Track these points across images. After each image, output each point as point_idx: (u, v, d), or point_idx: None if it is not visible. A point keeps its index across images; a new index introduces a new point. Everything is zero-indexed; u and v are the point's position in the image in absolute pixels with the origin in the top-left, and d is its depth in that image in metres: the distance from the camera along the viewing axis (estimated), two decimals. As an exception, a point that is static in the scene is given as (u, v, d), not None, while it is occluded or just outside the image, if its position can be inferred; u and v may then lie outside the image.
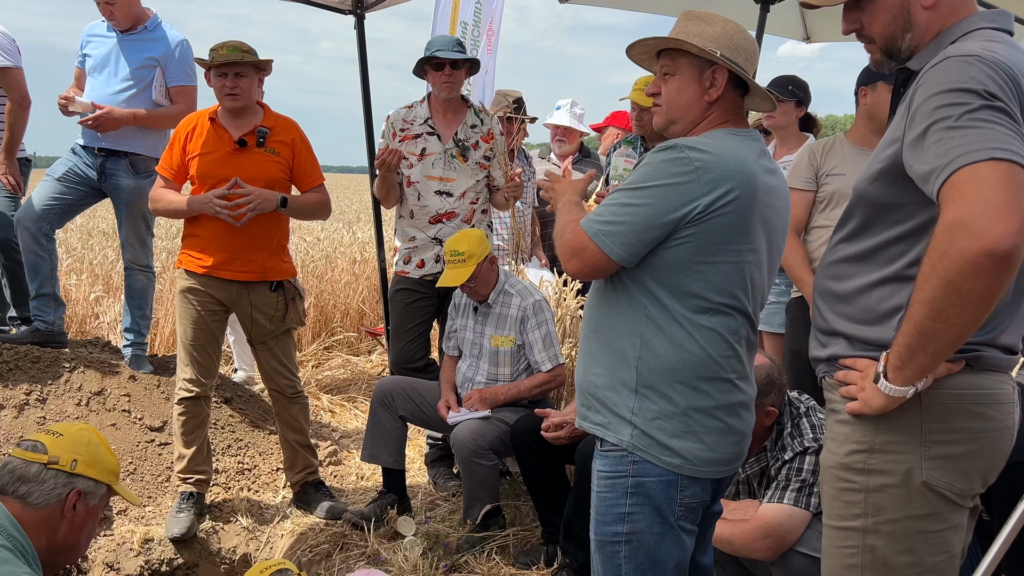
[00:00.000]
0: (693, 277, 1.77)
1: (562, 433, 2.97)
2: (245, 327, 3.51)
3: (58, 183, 3.97)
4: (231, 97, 3.27)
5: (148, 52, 3.96)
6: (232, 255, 3.33)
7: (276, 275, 3.44)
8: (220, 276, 3.35)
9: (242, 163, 3.30)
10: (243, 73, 3.27)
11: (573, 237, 1.83)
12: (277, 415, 3.65)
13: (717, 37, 1.83)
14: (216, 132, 3.33)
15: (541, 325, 3.38)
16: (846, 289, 1.63)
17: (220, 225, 3.28)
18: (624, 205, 1.77)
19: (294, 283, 3.53)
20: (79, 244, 8.77)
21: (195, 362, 3.39)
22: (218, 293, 3.38)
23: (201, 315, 3.37)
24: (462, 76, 3.69)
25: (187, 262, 3.39)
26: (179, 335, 3.42)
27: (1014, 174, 1.31)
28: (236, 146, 3.31)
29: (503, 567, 3.07)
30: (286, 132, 3.41)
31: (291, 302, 3.49)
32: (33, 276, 4.01)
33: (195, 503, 3.43)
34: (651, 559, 1.84)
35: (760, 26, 4.58)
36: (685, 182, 1.73)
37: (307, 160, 3.45)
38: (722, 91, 1.84)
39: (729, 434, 1.83)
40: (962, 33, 1.55)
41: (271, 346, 3.50)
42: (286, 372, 3.54)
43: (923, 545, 1.55)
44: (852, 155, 3.26)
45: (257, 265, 3.37)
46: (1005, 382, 1.57)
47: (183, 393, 3.40)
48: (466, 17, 5.94)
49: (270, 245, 3.40)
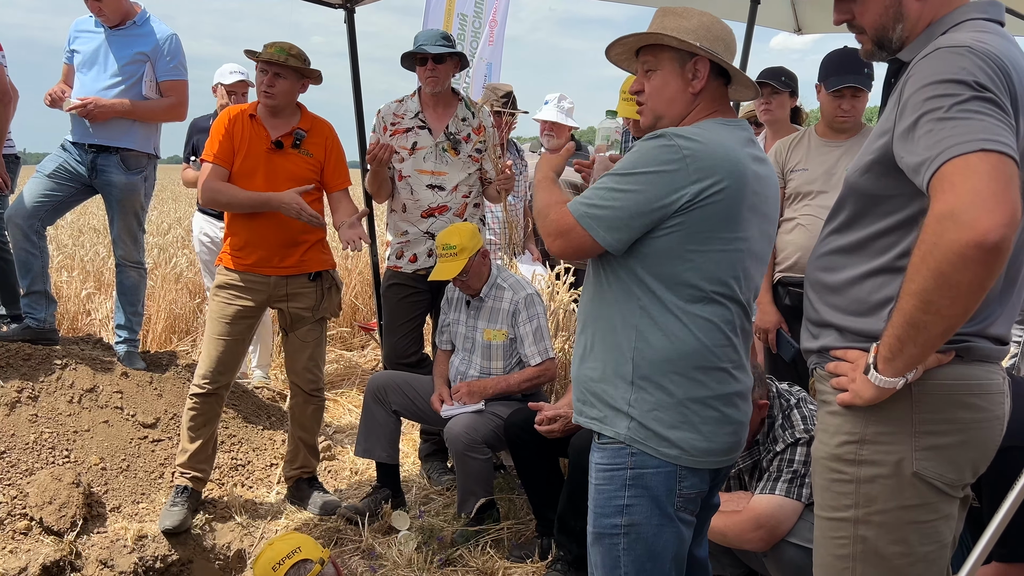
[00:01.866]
0: (685, 266, 1.77)
1: (556, 426, 2.98)
2: (283, 316, 3.54)
3: (48, 180, 3.94)
4: (267, 95, 3.31)
5: (137, 47, 3.93)
6: (270, 253, 3.38)
7: (315, 266, 3.49)
8: (260, 272, 3.40)
9: (276, 163, 3.35)
10: (283, 75, 3.29)
11: (559, 218, 1.83)
12: (291, 410, 3.67)
13: (695, 29, 1.84)
14: (255, 129, 3.36)
15: (533, 319, 3.38)
16: (837, 280, 1.64)
17: (261, 224, 3.34)
18: (612, 190, 1.77)
19: (332, 274, 3.56)
20: (70, 241, 8.74)
21: (217, 358, 3.40)
22: (257, 287, 3.40)
23: (232, 312, 3.40)
24: (447, 70, 3.68)
25: (227, 260, 3.43)
26: (207, 331, 3.45)
27: (1004, 165, 1.31)
28: (272, 146, 3.35)
29: (497, 560, 3.08)
30: (320, 134, 3.46)
31: (327, 292, 3.53)
32: (24, 273, 3.99)
33: (189, 498, 3.42)
34: (650, 551, 1.84)
35: (751, 18, 4.58)
36: (674, 170, 1.73)
37: (338, 163, 3.50)
38: (705, 82, 1.86)
39: (726, 424, 1.83)
40: (953, 24, 1.55)
41: (304, 336, 3.52)
42: (312, 367, 3.56)
43: (914, 535, 1.56)
44: (818, 148, 3.31)
45: (295, 260, 3.43)
46: (995, 372, 1.57)
47: (196, 388, 3.41)
48: (465, 9, 5.90)
49: (307, 242, 3.45)
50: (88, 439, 3.67)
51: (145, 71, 3.96)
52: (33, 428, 3.58)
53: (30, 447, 3.51)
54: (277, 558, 2.32)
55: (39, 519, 3.22)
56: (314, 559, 2.32)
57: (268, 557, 2.36)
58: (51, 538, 3.19)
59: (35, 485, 3.31)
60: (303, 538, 2.42)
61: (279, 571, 2.30)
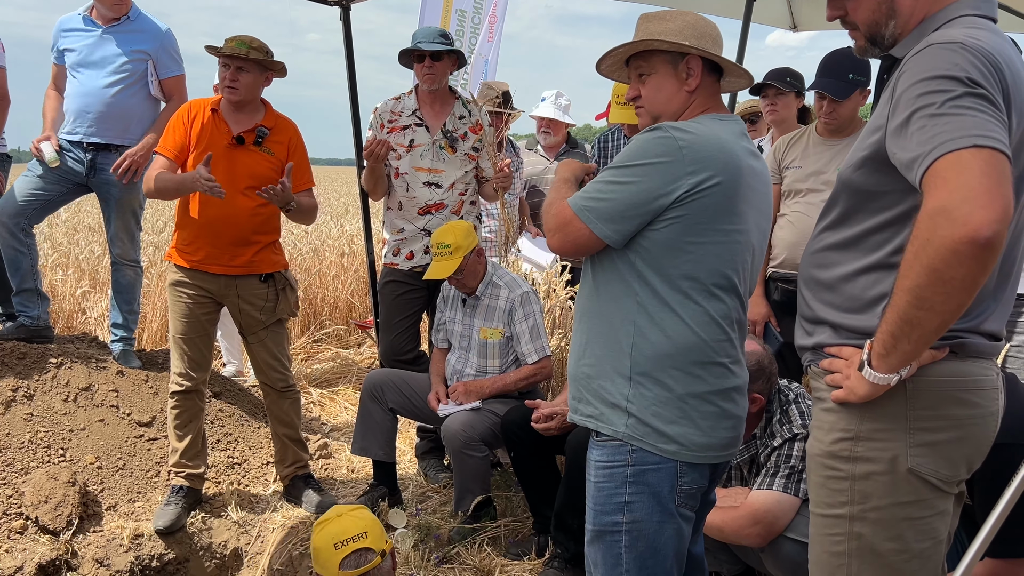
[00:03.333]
0: (684, 258, 1.78)
1: (552, 424, 2.98)
2: (236, 319, 3.50)
3: (40, 179, 3.92)
4: (229, 90, 3.27)
5: (137, 44, 3.93)
6: (219, 250, 3.32)
7: (266, 267, 3.43)
8: (208, 270, 3.34)
9: (236, 159, 3.29)
10: (245, 68, 3.25)
11: (559, 212, 1.85)
12: (268, 409, 3.64)
13: (681, 30, 1.87)
14: (216, 124, 3.31)
15: (528, 317, 3.38)
16: (831, 277, 1.64)
17: (209, 220, 3.28)
18: (609, 183, 1.79)
19: (284, 274, 3.51)
20: (65, 239, 8.71)
21: (185, 356, 3.38)
22: (207, 286, 3.36)
23: (191, 308, 3.36)
24: (444, 67, 3.67)
25: (176, 256, 3.38)
26: (171, 329, 3.41)
27: (996, 161, 1.31)
28: (233, 142, 3.30)
29: (494, 558, 3.08)
30: (284, 132, 3.40)
31: (281, 292, 3.48)
32: (14, 272, 3.98)
33: (184, 497, 3.42)
34: (651, 547, 1.84)
35: (747, 15, 4.58)
36: (670, 161, 1.75)
37: (300, 162, 3.42)
38: (700, 78, 1.89)
39: (724, 418, 1.84)
40: (946, 20, 1.55)
41: (262, 338, 3.48)
42: (277, 365, 3.53)
43: (909, 532, 1.56)
44: (815, 147, 3.33)
45: (245, 259, 3.36)
46: (989, 368, 1.58)
47: (174, 387, 3.40)
48: (464, 5, 5.88)
49: (259, 242, 3.39)
50: (84, 438, 3.66)
51: (148, 70, 3.95)
52: (28, 427, 3.58)
53: (25, 446, 3.50)
54: (342, 536, 2.16)
55: (35, 518, 3.22)
56: (376, 550, 2.20)
57: (333, 531, 2.19)
58: (47, 537, 3.19)
59: (31, 484, 3.31)
60: (372, 521, 2.23)
61: (340, 551, 2.14)
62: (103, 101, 3.88)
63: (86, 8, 3.97)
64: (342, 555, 2.15)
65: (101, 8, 3.91)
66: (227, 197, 3.24)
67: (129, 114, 3.95)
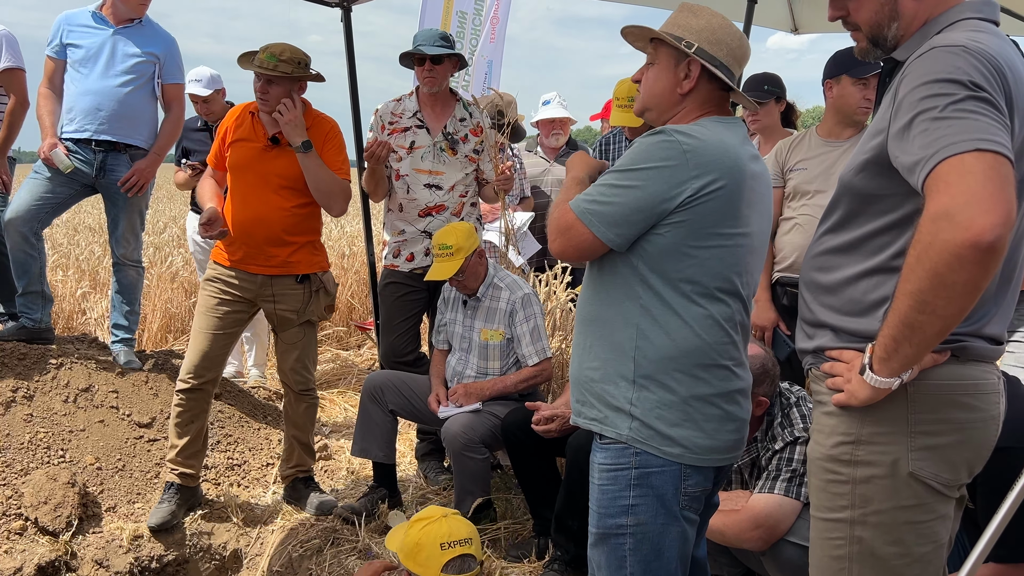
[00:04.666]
0: (688, 262, 1.77)
1: (553, 426, 2.97)
2: (270, 317, 3.52)
3: (48, 182, 3.91)
4: (261, 101, 3.30)
5: (147, 47, 3.95)
6: (255, 251, 3.36)
7: (302, 268, 3.45)
8: (246, 269, 3.38)
9: (272, 159, 3.33)
10: (275, 81, 3.26)
11: (561, 216, 1.84)
12: (284, 409, 3.67)
13: (700, 29, 1.84)
14: (254, 126, 3.36)
15: (529, 319, 3.37)
16: (832, 280, 1.63)
17: (241, 220, 3.33)
18: (613, 186, 1.77)
19: (321, 276, 3.51)
20: (65, 240, 8.72)
21: (201, 352, 3.37)
22: (244, 284, 3.39)
23: (221, 303, 3.39)
24: (445, 70, 3.67)
25: (217, 255, 3.44)
26: (194, 324, 3.43)
27: (999, 165, 1.31)
28: (268, 143, 3.34)
29: (494, 560, 3.07)
30: (320, 129, 3.40)
31: (315, 294, 3.49)
32: (22, 275, 3.97)
33: (177, 494, 3.41)
34: (656, 550, 1.84)
35: (748, 18, 4.58)
36: (674, 165, 1.74)
37: (334, 155, 3.40)
38: (695, 83, 1.85)
39: (728, 421, 1.83)
40: (948, 23, 1.54)
41: (292, 338, 3.50)
42: (300, 368, 3.54)
43: (910, 536, 1.56)
44: (819, 148, 3.31)
45: (280, 260, 3.39)
46: (990, 372, 1.57)
47: (182, 384, 3.39)
48: (465, 7, 5.87)
49: (295, 243, 3.40)
50: (84, 439, 3.66)
51: (155, 72, 3.99)
52: (28, 428, 3.57)
53: (25, 447, 3.50)
54: (451, 538, 2.10)
55: (34, 519, 3.21)
56: (478, 559, 2.12)
57: (440, 531, 2.13)
58: (46, 538, 3.18)
59: (30, 485, 3.31)
60: (474, 530, 2.19)
61: (447, 553, 2.09)
62: (115, 99, 3.88)
63: (96, 5, 3.96)
64: (448, 557, 2.10)
65: (121, 7, 3.91)
66: (260, 197, 3.32)
67: (139, 113, 3.97)
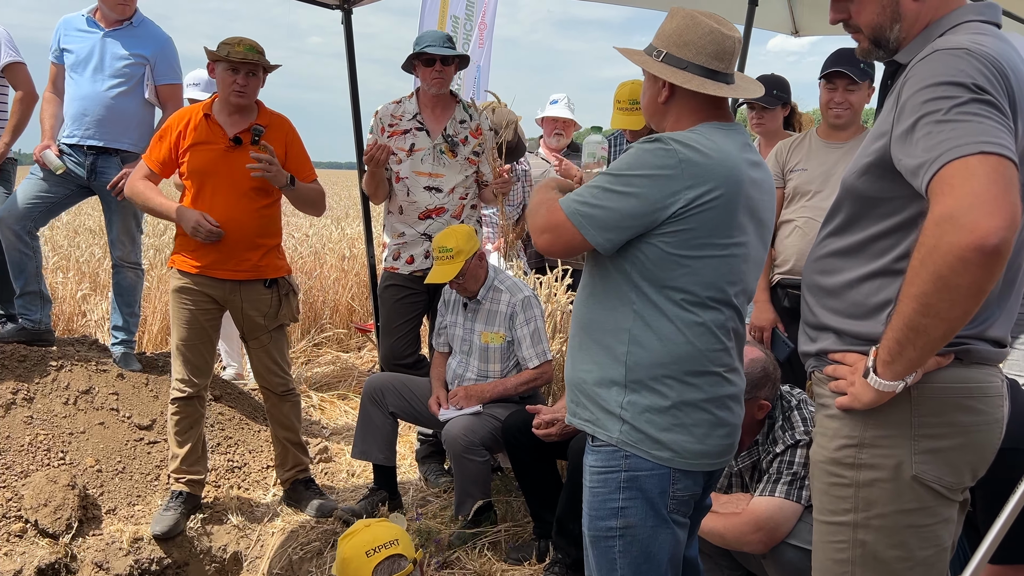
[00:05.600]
0: (680, 271, 1.77)
1: (553, 430, 2.97)
2: (238, 323, 3.49)
3: (44, 182, 3.92)
4: (239, 95, 3.25)
5: (136, 49, 3.92)
6: (226, 255, 3.31)
7: (271, 272, 3.42)
8: (213, 275, 3.33)
9: (235, 160, 3.27)
10: (255, 73, 3.26)
11: (549, 214, 1.82)
12: (268, 412, 3.63)
13: (668, 35, 1.83)
14: (210, 128, 3.30)
15: (530, 321, 3.37)
16: (835, 283, 1.63)
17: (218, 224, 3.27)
18: (606, 190, 1.76)
19: (288, 280, 3.51)
20: (65, 242, 8.71)
21: (188, 362, 3.37)
22: (212, 291, 3.36)
23: (194, 314, 3.35)
24: (452, 72, 3.68)
25: (180, 262, 3.36)
26: (172, 335, 3.39)
27: (1003, 168, 1.30)
28: (231, 143, 3.28)
29: (495, 563, 3.07)
30: (279, 129, 3.39)
31: (284, 298, 3.48)
32: (18, 274, 3.97)
33: (184, 502, 3.41)
34: (645, 553, 1.84)
35: (749, 20, 4.59)
36: (669, 175, 1.72)
37: (299, 156, 3.42)
38: (671, 91, 1.84)
39: (719, 426, 1.83)
40: (950, 26, 1.54)
41: (264, 342, 3.48)
42: (277, 370, 3.52)
43: (913, 539, 1.55)
44: (819, 149, 3.32)
45: (251, 264, 3.36)
46: (994, 375, 1.57)
47: (176, 393, 3.38)
48: (457, 11, 5.90)
49: (265, 246, 3.38)
50: (84, 441, 3.66)
51: (145, 74, 3.95)
52: (28, 430, 3.57)
53: (25, 449, 3.49)
54: (374, 544, 2.14)
55: (34, 521, 3.21)
56: (408, 557, 2.18)
57: (363, 540, 2.16)
58: (46, 540, 3.18)
59: (30, 487, 3.30)
60: (401, 531, 2.23)
61: (373, 558, 2.12)
62: (102, 104, 3.88)
63: (90, 9, 3.97)
64: (375, 562, 2.11)
65: (104, 9, 3.90)
66: (229, 200, 3.25)
67: (127, 117, 3.94)
